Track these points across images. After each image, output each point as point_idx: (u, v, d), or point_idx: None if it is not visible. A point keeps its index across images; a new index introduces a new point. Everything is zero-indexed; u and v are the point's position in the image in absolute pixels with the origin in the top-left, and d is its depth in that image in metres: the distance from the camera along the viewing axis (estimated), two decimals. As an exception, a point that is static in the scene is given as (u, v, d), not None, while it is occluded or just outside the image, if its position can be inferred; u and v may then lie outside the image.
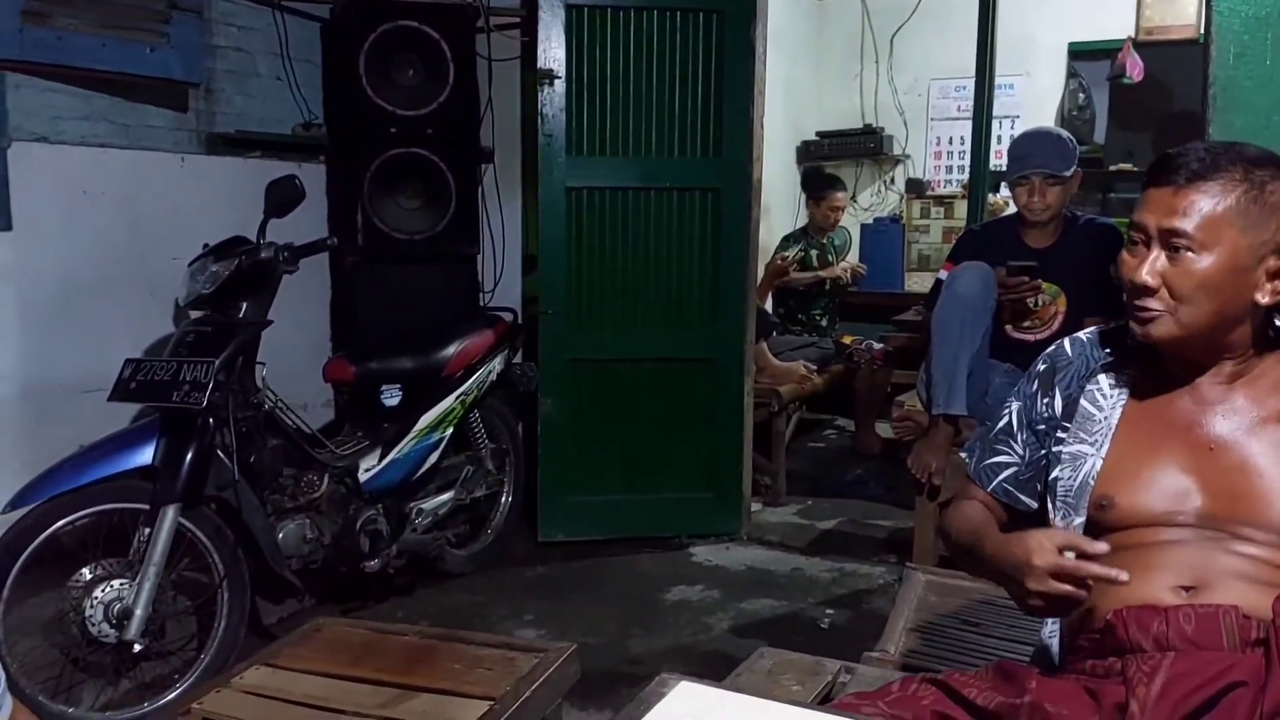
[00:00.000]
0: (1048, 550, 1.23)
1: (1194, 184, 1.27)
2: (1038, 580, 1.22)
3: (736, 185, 3.78)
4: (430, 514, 3.31)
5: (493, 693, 1.65)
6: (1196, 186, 1.27)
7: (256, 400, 2.85)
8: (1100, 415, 1.40)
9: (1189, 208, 1.27)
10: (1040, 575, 1.22)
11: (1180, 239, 1.27)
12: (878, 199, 6.84)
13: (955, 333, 2.95)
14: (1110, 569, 1.19)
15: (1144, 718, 1.13)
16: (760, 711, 1.08)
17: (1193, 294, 1.28)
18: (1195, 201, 1.27)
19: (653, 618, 3.19)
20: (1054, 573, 1.22)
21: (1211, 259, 1.27)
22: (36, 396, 3.12)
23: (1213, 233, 1.26)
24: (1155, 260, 1.29)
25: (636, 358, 3.82)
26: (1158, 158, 1.33)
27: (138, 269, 3.44)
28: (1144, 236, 1.31)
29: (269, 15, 3.93)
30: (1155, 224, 1.29)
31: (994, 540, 1.37)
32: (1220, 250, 1.26)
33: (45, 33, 3.12)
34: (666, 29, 3.70)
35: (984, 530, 1.44)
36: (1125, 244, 1.35)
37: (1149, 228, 1.30)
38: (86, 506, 2.50)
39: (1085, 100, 6.16)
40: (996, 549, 1.33)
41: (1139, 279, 1.30)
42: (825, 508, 4.32)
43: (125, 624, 2.42)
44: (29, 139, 3.18)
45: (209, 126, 3.76)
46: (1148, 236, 1.30)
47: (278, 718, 1.60)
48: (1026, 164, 3.01)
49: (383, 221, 3.68)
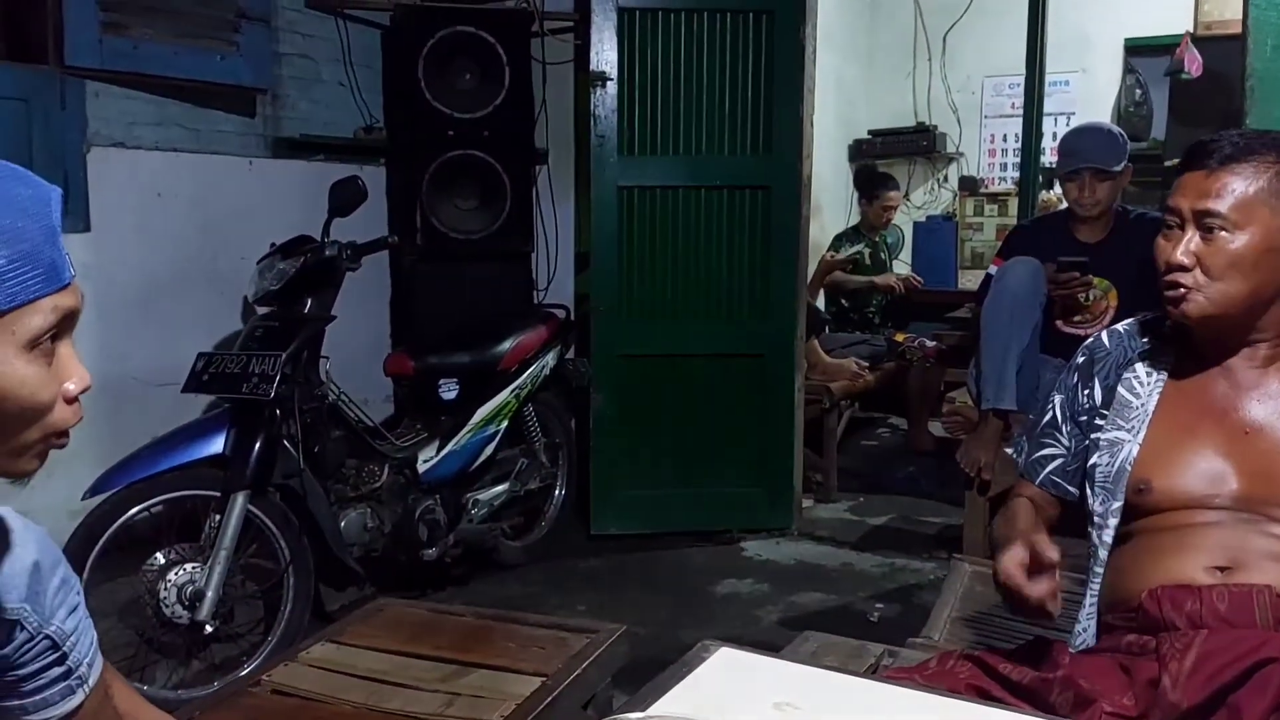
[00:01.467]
0: (1007, 568, 1.31)
1: (1227, 166, 1.31)
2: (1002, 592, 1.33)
3: (786, 183, 3.81)
4: (486, 505, 3.40)
5: (545, 670, 1.71)
6: (1230, 169, 1.30)
7: (320, 393, 2.95)
8: (1137, 402, 1.43)
9: (1222, 189, 1.30)
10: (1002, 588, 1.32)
11: (1214, 219, 1.30)
12: (931, 197, 6.82)
13: (1004, 327, 2.96)
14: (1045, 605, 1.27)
15: (1176, 692, 1.16)
16: (797, 676, 1.13)
17: (1226, 272, 1.31)
18: (1229, 183, 1.30)
19: (702, 609, 3.24)
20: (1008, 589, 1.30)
21: (1245, 238, 1.30)
22: (113, 389, 3.26)
23: (1246, 213, 1.30)
24: (1190, 241, 1.32)
25: (687, 353, 3.87)
26: (1191, 145, 1.37)
27: (208, 267, 3.58)
28: (1178, 219, 1.35)
29: (332, 23, 4.06)
30: (1189, 206, 1.32)
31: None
32: (1253, 230, 1.30)
33: (123, 42, 3.26)
34: (716, 30, 3.75)
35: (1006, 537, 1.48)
36: (1161, 230, 1.39)
37: (1183, 210, 1.33)
38: (160, 494, 2.61)
39: (1142, 96, 6.09)
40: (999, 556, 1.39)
41: (1174, 258, 1.33)
42: (877, 504, 4.33)
43: (197, 606, 2.53)
44: (107, 144, 3.33)
45: (275, 131, 3.90)
46: (1182, 219, 1.34)
47: (342, 689, 1.67)
48: (1077, 159, 3.01)
49: (440, 221, 3.78)
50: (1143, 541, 1.35)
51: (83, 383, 0.93)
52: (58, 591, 1.03)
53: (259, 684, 1.71)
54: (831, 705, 1.10)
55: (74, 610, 1.06)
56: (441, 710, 1.61)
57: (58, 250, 0.90)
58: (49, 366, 0.90)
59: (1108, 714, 1.16)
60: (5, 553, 0.99)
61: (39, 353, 0.88)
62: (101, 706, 1.10)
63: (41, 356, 0.89)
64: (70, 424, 0.93)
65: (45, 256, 0.88)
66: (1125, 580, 1.35)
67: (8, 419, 0.88)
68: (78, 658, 1.06)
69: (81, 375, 0.93)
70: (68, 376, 0.92)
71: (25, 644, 1.01)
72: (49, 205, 0.90)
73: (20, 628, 1.00)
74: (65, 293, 0.90)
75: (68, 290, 0.90)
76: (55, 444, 0.93)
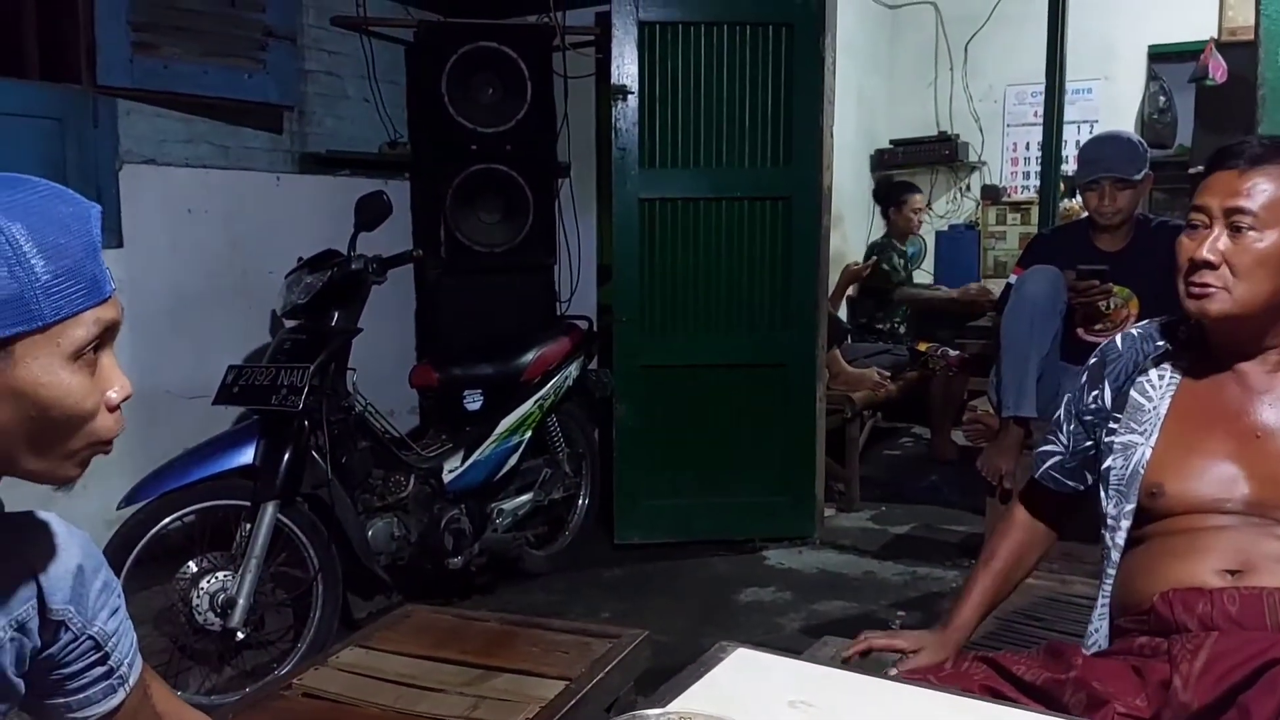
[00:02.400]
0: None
1: (1258, 167, 1.33)
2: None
3: (807, 193, 3.84)
4: (510, 514, 3.44)
5: (569, 674, 1.74)
6: (1260, 169, 1.33)
7: (348, 404, 3.00)
8: (1149, 406, 1.45)
9: (1253, 189, 1.32)
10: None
11: (1243, 217, 1.32)
12: (953, 206, 6.81)
13: (1024, 335, 2.97)
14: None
15: (1187, 692, 1.18)
16: (813, 676, 1.16)
17: (1251, 270, 1.32)
18: (1259, 182, 1.32)
19: (725, 617, 3.26)
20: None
21: (1273, 238, 1.32)
22: (146, 402, 3.32)
23: (1274, 213, 1.32)
24: (1217, 239, 1.34)
25: (709, 364, 3.90)
26: (1217, 149, 1.39)
27: (237, 282, 3.64)
28: (1205, 219, 1.36)
29: (357, 40, 4.13)
30: (1219, 204, 1.34)
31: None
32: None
33: (153, 62, 3.34)
34: (736, 43, 3.79)
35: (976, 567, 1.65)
36: (1185, 228, 1.40)
37: (1212, 208, 1.35)
38: (192, 503, 2.67)
39: (1166, 103, 6.07)
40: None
41: (1199, 255, 1.34)
42: (899, 513, 4.34)
43: (229, 613, 2.58)
44: (138, 161, 3.40)
45: (302, 147, 3.97)
46: (1210, 218, 1.36)
47: (371, 693, 1.71)
48: (1096, 168, 3.02)
49: (464, 234, 3.83)
50: (1154, 545, 1.37)
51: (124, 391, 0.97)
52: (100, 594, 1.07)
53: (290, 687, 1.76)
54: (846, 704, 1.12)
55: (115, 612, 1.10)
56: (467, 713, 1.65)
57: (99, 265, 0.94)
58: (92, 377, 0.94)
59: (1120, 715, 1.18)
60: (51, 556, 1.03)
61: (82, 363, 0.92)
62: (141, 705, 1.15)
63: (85, 367, 0.93)
64: (113, 433, 0.97)
65: (87, 271, 0.92)
66: (1137, 583, 1.36)
67: (54, 427, 0.92)
68: (119, 658, 1.10)
69: (123, 384, 0.97)
70: (109, 386, 0.96)
71: (70, 644, 1.05)
72: (89, 221, 0.94)
73: (65, 628, 1.04)
74: (106, 305, 0.94)
75: (109, 303, 0.95)
76: (99, 451, 0.97)
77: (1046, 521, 1.63)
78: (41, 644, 1.03)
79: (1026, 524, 1.64)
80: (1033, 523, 1.64)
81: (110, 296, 0.95)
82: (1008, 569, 1.62)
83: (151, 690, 1.17)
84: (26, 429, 0.91)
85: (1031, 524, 1.64)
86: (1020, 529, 1.64)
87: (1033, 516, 1.64)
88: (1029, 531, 1.64)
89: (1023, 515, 1.65)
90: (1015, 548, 1.62)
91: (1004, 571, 1.61)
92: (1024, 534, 1.63)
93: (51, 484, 0.97)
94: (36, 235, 0.88)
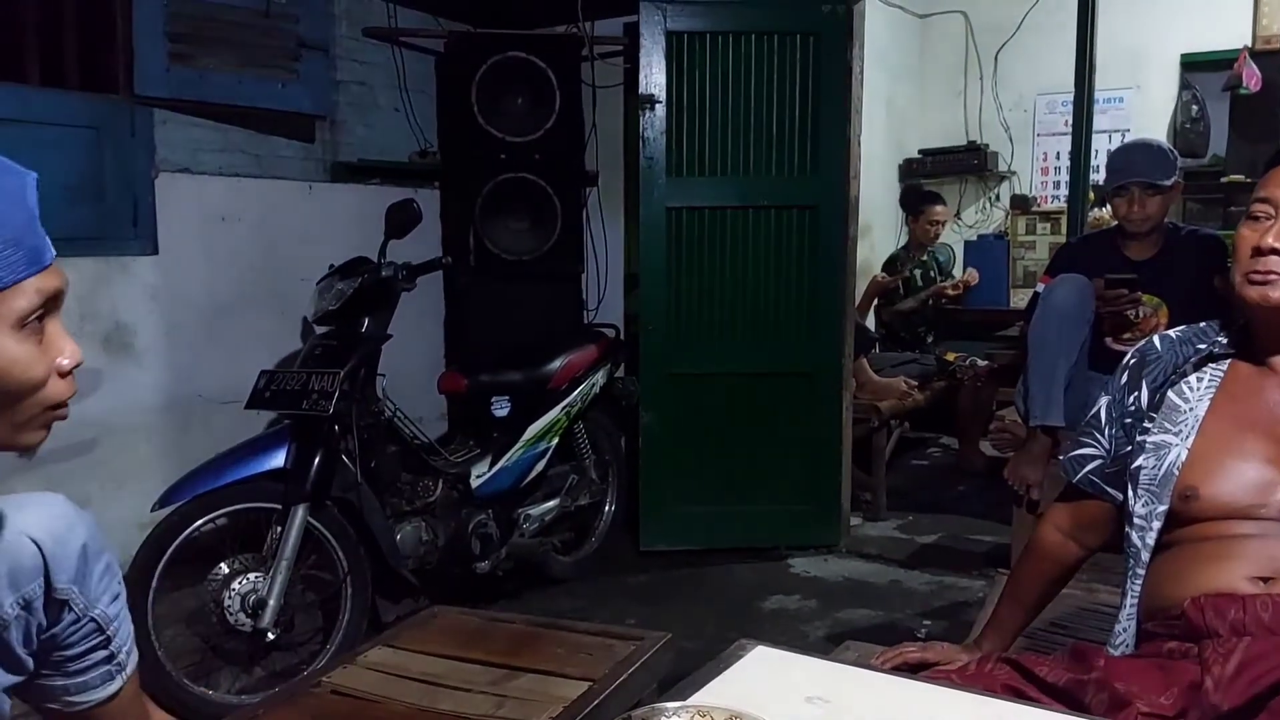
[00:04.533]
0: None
1: None
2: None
3: (834, 203, 3.85)
4: (537, 520, 3.46)
5: (592, 674, 1.76)
6: None
7: (377, 409, 3.03)
8: (1186, 407, 1.44)
9: None
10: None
11: None
12: (983, 215, 6.79)
13: (1052, 344, 2.95)
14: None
15: (1218, 694, 1.17)
16: (831, 673, 1.16)
17: None
18: None
19: (750, 624, 3.26)
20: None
21: None
22: (179, 406, 3.39)
23: None
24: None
25: (735, 372, 3.90)
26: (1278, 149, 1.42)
27: (270, 289, 3.70)
28: (1269, 210, 1.38)
29: (388, 51, 4.19)
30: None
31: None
32: None
33: (189, 72, 3.40)
34: (764, 52, 3.80)
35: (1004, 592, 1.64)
36: (1244, 220, 1.42)
37: (1277, 199, 1.38)
38: (224, 506, 2.70)
39: (1199, 112, 6.02)
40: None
41: (1266, 243, 1.36)
42: (926, 522, 4.32)
43: (260, 614, 2.61)
44: (173, 170, 3.46)
45: (333, 156, 4.02)
46: (1274, 209, 1.38)
47: (397, 691, 1.73)
48: (1125, 175, 3.00)
49: (493, 243, 3.87)
50: (1185, 549, 1.36)
51: (74, 357, 0.98)
52: (102, 577, 1.09)
53: (319, 684, 1.78)
54: (864, 701, 1.13)
55: (117, 598, 1.11)
56: (492, 712, 1.66)
57: (38, 234, 0.94)
58: (39, 345, 0.94)
59: (1144, 714, 1.17)
60: (58, 536, 1.05)
61: (28, 332, 0.93)
62: (134, 698, 1.16)
63: (31, 336, 0.93)
64: (65, 396, 0.97)
65: (26, 241, 0.92)
66: (1166, 588, 1.36)
67: (5, 395, 0.93)
68: (119, 643, 1.12)
69: (73, 350, 0.98)
70: (59, 353, 0.96)
71: (73, 624, 1.07)
72: (26, 190, 0.94)
73: (69, 608, 1.06)
74: (48, 274, 0.94)
75: (50, 271, 0.95)
76: (55, 416, 0.97)
77: (1078, 539, 1.59)
78: (46, 623, 1.05)
79: (1056, 550, 1.60)
80: (1063, 543, 1.59)
81: (50, 264, 0.95)
82: (1038, 601, 1.61)
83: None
84: None
85: (1062, 546, 1.59)
86: (1049, 560, 1.60)
87: (1064, 536, 1.59)
88: (1057, 560, 1.60)
89: (1051, 539, 1.60)
90: (1043, 582, 1.60)
91: (1034, 605, 1.61)
92: (1052, 566, 1.60)
93: (14, 451, 0.97)
94: None
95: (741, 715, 0.99)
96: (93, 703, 1.11)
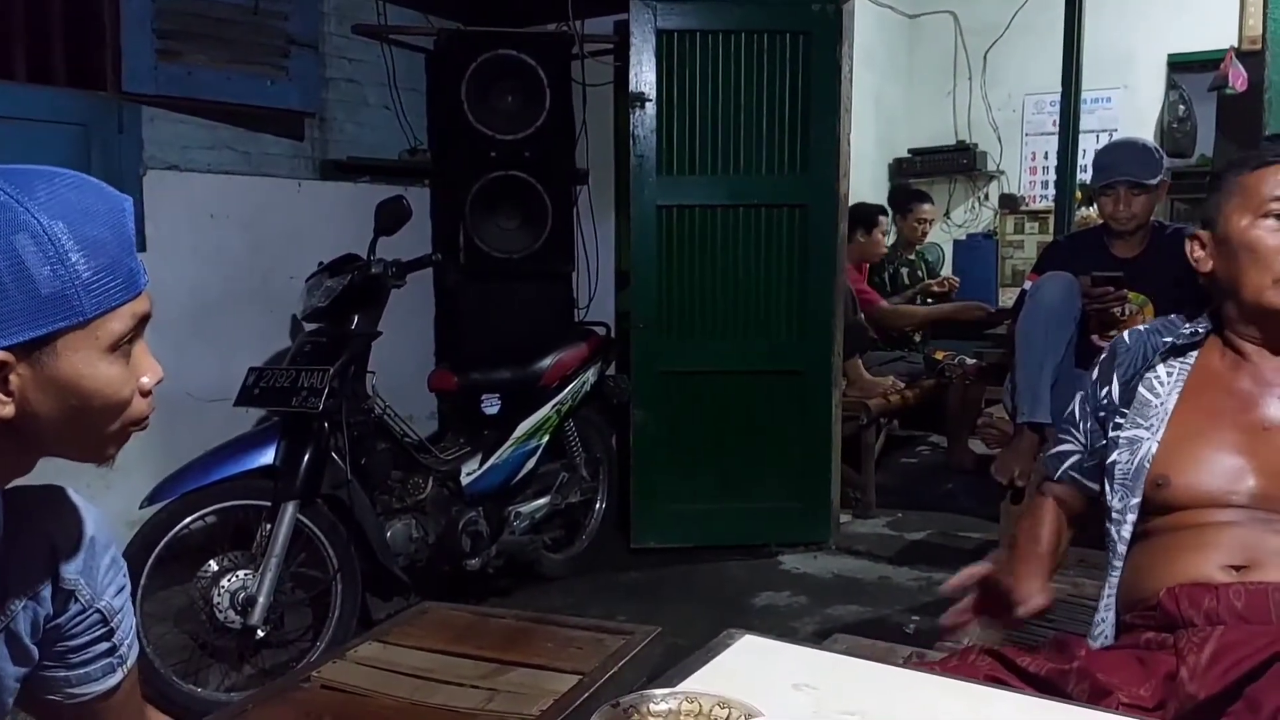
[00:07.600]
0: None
1: None
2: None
3: (824, 201, 3.86)
4: (527, 517, 3.46)
5: (582, 668, 1.76)
6: None
7: (367, 406, 3.03)
8: (1157, 400, 1.46)
9: None
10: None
11: None
12: (971, 215, 6.82)
13: (1039, 341, 2.97)
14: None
15: (1194, 684, 1.18)
16: (818, 661, 1.17)
17: None
18: None
19: (740, 621, 3.25)
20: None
21: None
22: (168, 404, 3.35)
23: None
24: None
25: (726, 370, 3.91)
26: (1246, 155, 1.42)
27: (259, 286, 3.69)
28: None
29: (378, 48, 4.18)
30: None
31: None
32: None
33: (177, 69, 3.39)
34: (754, 51, 3.81)
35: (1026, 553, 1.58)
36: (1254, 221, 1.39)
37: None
38: (214, 503, 2.70)
39: (1185, 112, 6.06)
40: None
41: None
42: (915, 520, 4.34)
43: (249, 611, 2.61)
44: (162, 167, 3.45)
45: (323, 153, 4.02)
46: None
47: (388, 685, 1.73)
48: (1111, 173, 3.02)
49: (483, 241, 3.87)
50: (1160, 540, 1.38)
51: (156, 375, 1.01)
52: (108, 569, 1.10)
53: (309, 679, 1.78)
54: (851, 688, 1.14)
55: (121, 590, 1.12)
56: (482, 706, 1.66)
57: (134, 259, 0.97)
58: (127, 365, 0.97)
59: (1124, 705, 1.18)
60: (66, 527, 1.06)
61: (119, 354, 0.96)
62: (133, 691, 1.17)
63: (121, 358, 0.96)
64: (147, 414, 1.01)
65: (124, 266, 0.95)
66: (1142, 579, 1.37)
67: (95, 414, 0.96)
68: (121, 636, 1.12)
69: (154, 369, 1.01)
70: (142, 372, 1.00)
71: (77, 615, 1.07)
72: (124, 215, 0.97)
73: (74, 599, 1.06)
74: (141, 299, 0.97)
75: (143, 296, 0.98)
76: (135, 430, 1.02)
77: (1068, 510, 1.60)
78: (52, 613, 1.05)
79: (1054, 504, 1.60)
80: (1058, 504, 1.60)
81: (143, 290, 0.98)
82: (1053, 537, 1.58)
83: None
84: (69, 417, 0.94)
85: (1058, 504, 1.60)
86: (1049, 509, 1.59)
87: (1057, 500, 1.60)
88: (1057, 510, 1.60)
89: (1047, 497, 1.61)
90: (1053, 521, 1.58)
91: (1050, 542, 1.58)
92: (1052, 513, 1.59)
93: (93, 463, 1.02)
94: (76, 232, 0.91)
95: (729, 701, 1.00)
96: (93, 695, 1.12)
